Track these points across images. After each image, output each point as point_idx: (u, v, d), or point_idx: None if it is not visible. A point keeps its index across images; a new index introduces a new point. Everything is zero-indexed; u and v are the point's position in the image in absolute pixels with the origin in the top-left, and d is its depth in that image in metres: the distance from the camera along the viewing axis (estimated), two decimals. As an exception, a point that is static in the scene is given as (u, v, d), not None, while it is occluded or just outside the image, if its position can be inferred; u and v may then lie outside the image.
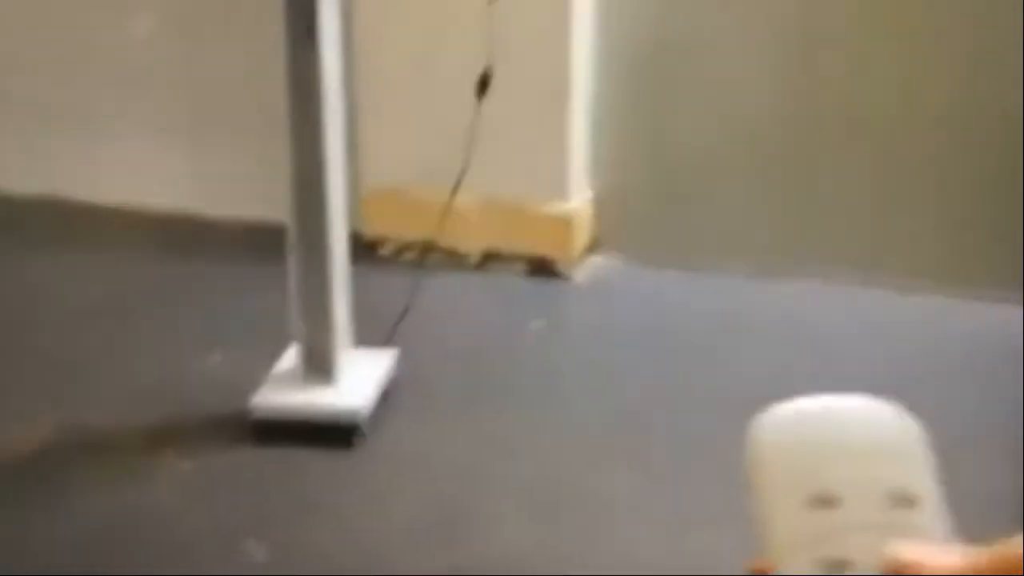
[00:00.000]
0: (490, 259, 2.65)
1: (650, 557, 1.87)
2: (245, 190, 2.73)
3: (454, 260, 2.64)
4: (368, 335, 2.24)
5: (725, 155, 2.62)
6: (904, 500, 0.37)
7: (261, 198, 2.48)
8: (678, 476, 2.06)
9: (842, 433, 0.38)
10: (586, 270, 2.65)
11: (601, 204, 2.69)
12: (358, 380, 2.15)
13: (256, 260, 2.51)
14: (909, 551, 0.36)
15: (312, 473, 2.05)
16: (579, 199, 2.65)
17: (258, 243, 2.47)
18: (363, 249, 2.59)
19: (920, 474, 0.38)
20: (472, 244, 2.64)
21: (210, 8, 2.72)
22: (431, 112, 2.60)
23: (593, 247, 2.69)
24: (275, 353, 2.19)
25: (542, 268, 2.62)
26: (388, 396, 2.19)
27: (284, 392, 2.12)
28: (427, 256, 2.55)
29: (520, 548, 1.91)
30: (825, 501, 0.37)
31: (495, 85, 2.41)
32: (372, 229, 2.67)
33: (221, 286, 2.56)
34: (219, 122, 2.79)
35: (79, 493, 1.97)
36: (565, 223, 2.62)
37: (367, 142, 2.63)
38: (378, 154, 2.66)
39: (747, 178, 2.64)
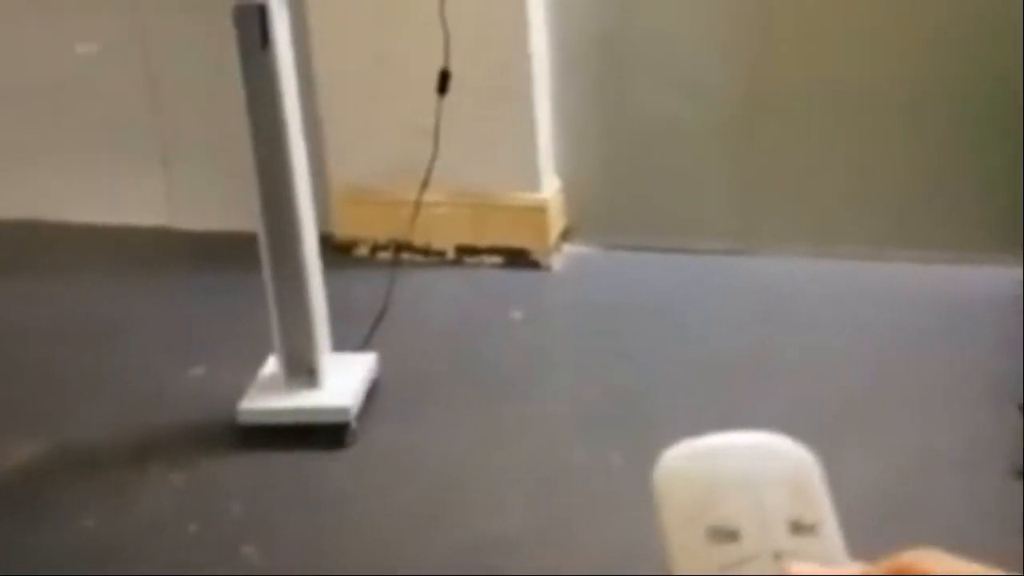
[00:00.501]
0: (465, 253, 2.65)
1: (644, 533, 1.88)
2: (215, 202, 2.73)
3: (429, 257, 2.64)
4: (349, 336, 2.24)
5: (690, 135, 2.64)
6: (802, 528, 0.39)
7: (231, 209, 2.48)
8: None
9: (739, 468, 0.40)
10: (561, 258, 2.66)
11: (571, 192, 2.70)
12: (342, 381, 2.15)
13: (231, 270, 2.51)
14: (806, 569, 0.37)
15: (305, 474, 2.05)
16: (550, 188, 2.66)
17: (232, 253, 2.47)
18: (337, 251, 2.60)
19: (816, 503, 0.39)
20: (446, 240, 2.64)
21: (165, 24, 2.72)
22: (394, 112, 2.60)
23: (567, 235, 2.70)
24: (257, 361, 2.18)
25: (518, 259, 2.63)
26: (374, 395, 2.19)
27: (270, 397, 2.12)
28: (402, 254, 2.56)
29: (516, 532, 1.92)
30: (726, 534, 0.39)
31: (456, 81, 2.42)
32: (345, 231, 2.67)
33: (198, 298, 2.56)
34: (185, 136, 2.79)
35: (71, 511, 1.97)
36: (538, 213, 2.63)
37: (333, 146, 2.64)
38: (345, 157, 2.66)
39: (714, 155, 2.65)
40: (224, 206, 2.64)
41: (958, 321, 2.37)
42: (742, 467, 0.40)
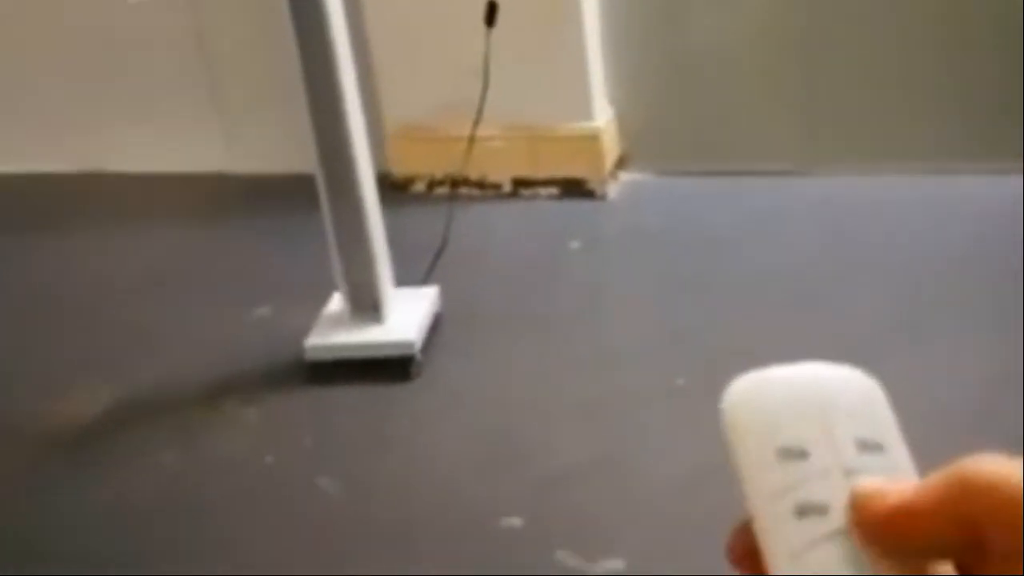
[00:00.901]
0: (521, 185, 2.66)
1: (712, 452, 1.89)
2: (271, 145, 2.75)
3: (486, 190, 2.66)
4: (410, 271, 2.26)
5: (741, 56, 2.61)
6: (870, 447, 0.40)
7: (288, 151, 2.50)
8: (730, 374, 2.08)
9: (807, 394, 0.41)
10: (617, 186, 2.66)
11: (624, 119, 2.69)
12: (406, 315, 2.17)
13: (290, 212, 2.54)
14: (871, 483, 0.39)
15: (372, 407, 2.08)
16: (603, 117, 2.66)
17: (290, 195, 2.50)
18: (395, 189, 2.62)
19: (884, 425, 0.41)
20: (502, 172, 2.65)
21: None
22: (444, 47, 2.60)
23: (622, 163, 2.70)
24: (321, 300, 2.22)
25: (574, 189, 2.64)
26: (437, 328, 2.21)
27: (336, 333, 2.15)
28: (459, 189, 2.57)
29: (581, 462, 1.93)
30: (795, 453, 0.40)
31: (504, 12, 2.41)
32: (402, 168, 2.69)
33: (259, 241, 2.59)
34: (238, 81, 2.81)
35: (150, 449, 2.02)
36: (592, 142, 2.63)
37: (385, 84, 2.65)
38: (398, 95, 2.67)
39: (764, 77, 2.63)
40: (280, 149, 2.66)
41: (1018, 232, 2.34)
42: (809, 393, 0.41)
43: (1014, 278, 2.22)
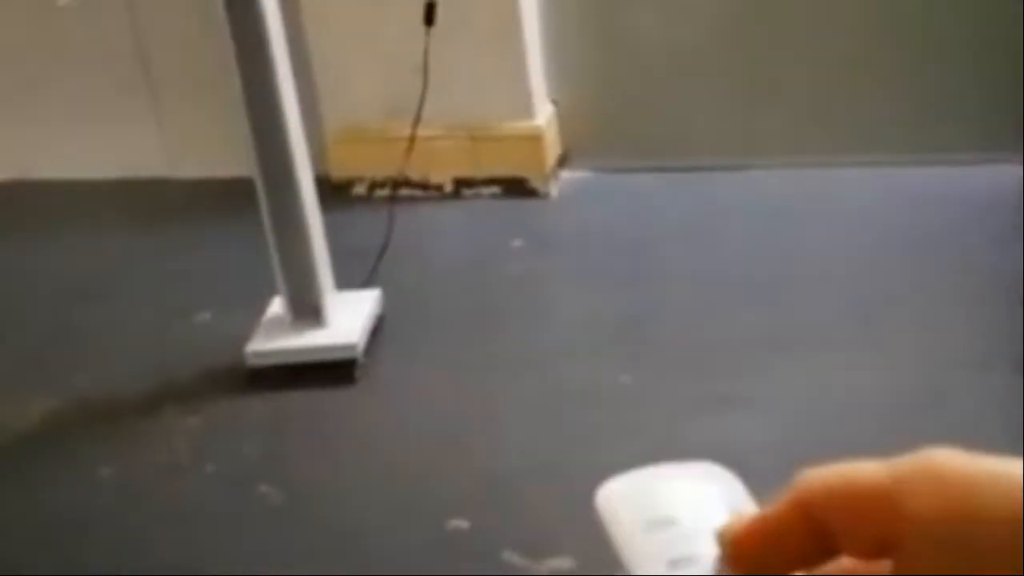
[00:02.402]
0: (463, 185, 2.65)
1: (659, 449, 1.89)
2: (211, 150, 2.73)
3: (427, 191, 2.64)
4: (352, 274, 2.25)
5: (682, 52, 2.62)
6: (735, 511, 0.43)
7: (228, 156, 2.48)
8: (676, 370, 2.09)
9: (675, 482, 0.45)
10: (559, 184, 2.66)
11: (565, 117, 2.69)
12: (348, 318, 2.16)
13: (231, 217, 2.52)
14: (731, 520, 0.41)
15: (316, 412, 2.07)
16: (544, 115, 2.66)
17: (231, 200, 2.48)
18: (336, 191, 2.60)
19: (745, 501, 0.44)
20: (443, 173, 2.64)
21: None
22: (383, 48, 2.59)
23: (563, 161, 2.70)
24: (262, 305, 2.20)
25: (516, 188, 2.63)
26: (380, 330, 2.20)
27: (277, 338, 2.13)
28: (400, 190, 2.56)
29: (532, 458, 1.93)
30: (665, 522, 0.42)
31: (443, 10, 2.40)
32: (342, 171, 2.67)
33: (200, 246, 2.56)
34: (176, 86, 2.78)
35: (89, 461, 1.99)
36: (533, 140, 2.63)
37: (324, 86, 2.63)
38: (337, 96, 2.65)
39: (707, 71, 2.64)
40: (220, 153, 2.64)
41: (960, 221, 2.37)
42: (677, 480, 0.44)
43: (963, 269, 2.24)
